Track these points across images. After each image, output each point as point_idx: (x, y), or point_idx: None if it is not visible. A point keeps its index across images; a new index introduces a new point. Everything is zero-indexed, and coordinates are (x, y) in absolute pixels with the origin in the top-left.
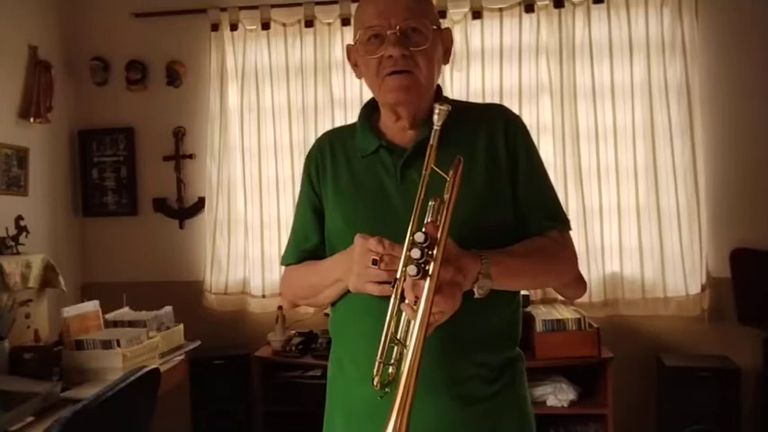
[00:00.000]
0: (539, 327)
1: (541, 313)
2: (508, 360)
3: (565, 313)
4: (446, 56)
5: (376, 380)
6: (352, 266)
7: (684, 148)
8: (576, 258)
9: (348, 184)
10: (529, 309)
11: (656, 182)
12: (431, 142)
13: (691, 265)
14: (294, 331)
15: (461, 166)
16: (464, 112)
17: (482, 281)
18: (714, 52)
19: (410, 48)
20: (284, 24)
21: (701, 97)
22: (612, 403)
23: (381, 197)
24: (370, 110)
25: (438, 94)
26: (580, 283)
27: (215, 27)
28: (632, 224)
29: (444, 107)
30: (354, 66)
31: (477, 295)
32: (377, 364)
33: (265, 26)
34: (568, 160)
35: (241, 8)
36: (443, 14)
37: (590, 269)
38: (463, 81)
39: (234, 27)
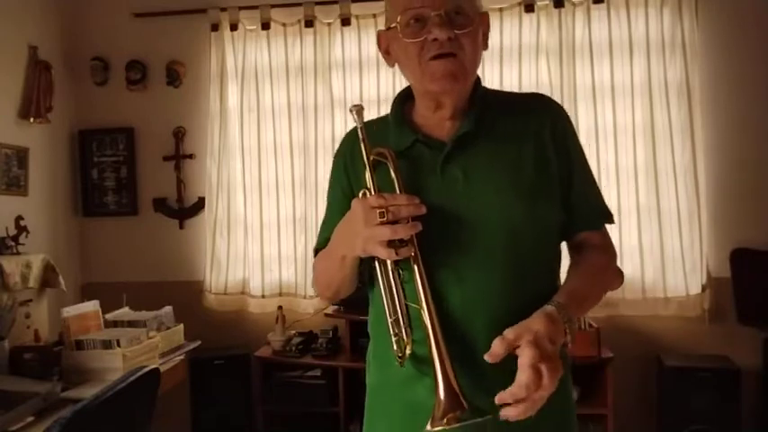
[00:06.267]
0: None
1: None
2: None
3: None
4: (485, 42)
5: (396, 348)
6: (357, 231)
7: (684, 148)
8: (616, 253)
9: (383, 183)
10: None
11: (656, 182)
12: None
13: (691, 265)
14: (294, 331)
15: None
16: (507, 103)
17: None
18: (714, 52)
19: (455, 30)
20: (284, 24)
21: (701, 97)
22: (612, 403)
23: (420, 195)
24: (402, 100)
25: (477, 84)
26: (619, 275)
27: (215, 27)
28: (632, 224)
29: None
30: (386, 53)
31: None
32: (402, 325)
33: (265, 26)
34: None
35: (241, 8)
36: None
37: None
38: None
39: (234, 27)
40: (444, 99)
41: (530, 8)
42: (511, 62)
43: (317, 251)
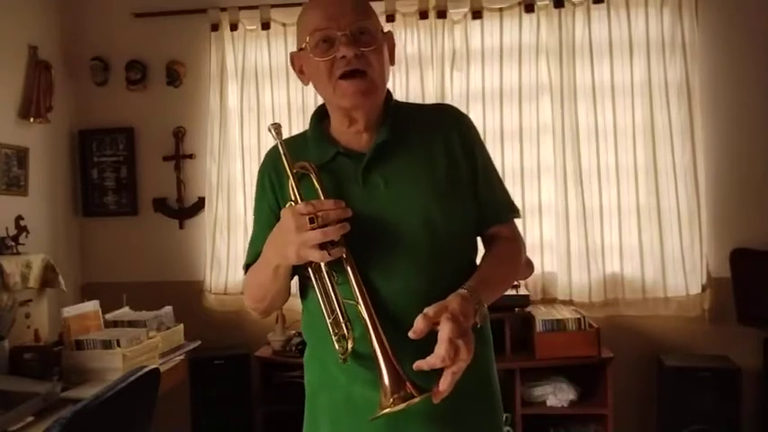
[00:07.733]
0: (539, 327)
1: (541, 313)
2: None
3: (565, 313)
4: (392, 58)
5: (338, 346)
6: (290, 239)
7: (684, 148)
8: (525, 244)
9: (308, 194)
10: (529, 309)
11: (656, 182)
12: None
13: (691, 265)
14: (294, 331)
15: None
16: (417, 114)
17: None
18: (714, 52)
19: (361, 48)
20: (284, 24)
21: (701, 97)
22: (612, 403)
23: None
24: (320, 117)
25: (388, 98)
26: (529, 265)
27: (215, 27)
28: (632, 224)
29: None
30: (300, 73)
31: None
32: (342, 322)
33: (265, 26)
34: (568, 160)
35: (241, 8)
36: (443, 14)
37: (590, 269)
38: (463, 81)
39: (234, 27)
40: (356, 114)
41: (530, 8)
42: (511, 62)
43: (247, 267)
